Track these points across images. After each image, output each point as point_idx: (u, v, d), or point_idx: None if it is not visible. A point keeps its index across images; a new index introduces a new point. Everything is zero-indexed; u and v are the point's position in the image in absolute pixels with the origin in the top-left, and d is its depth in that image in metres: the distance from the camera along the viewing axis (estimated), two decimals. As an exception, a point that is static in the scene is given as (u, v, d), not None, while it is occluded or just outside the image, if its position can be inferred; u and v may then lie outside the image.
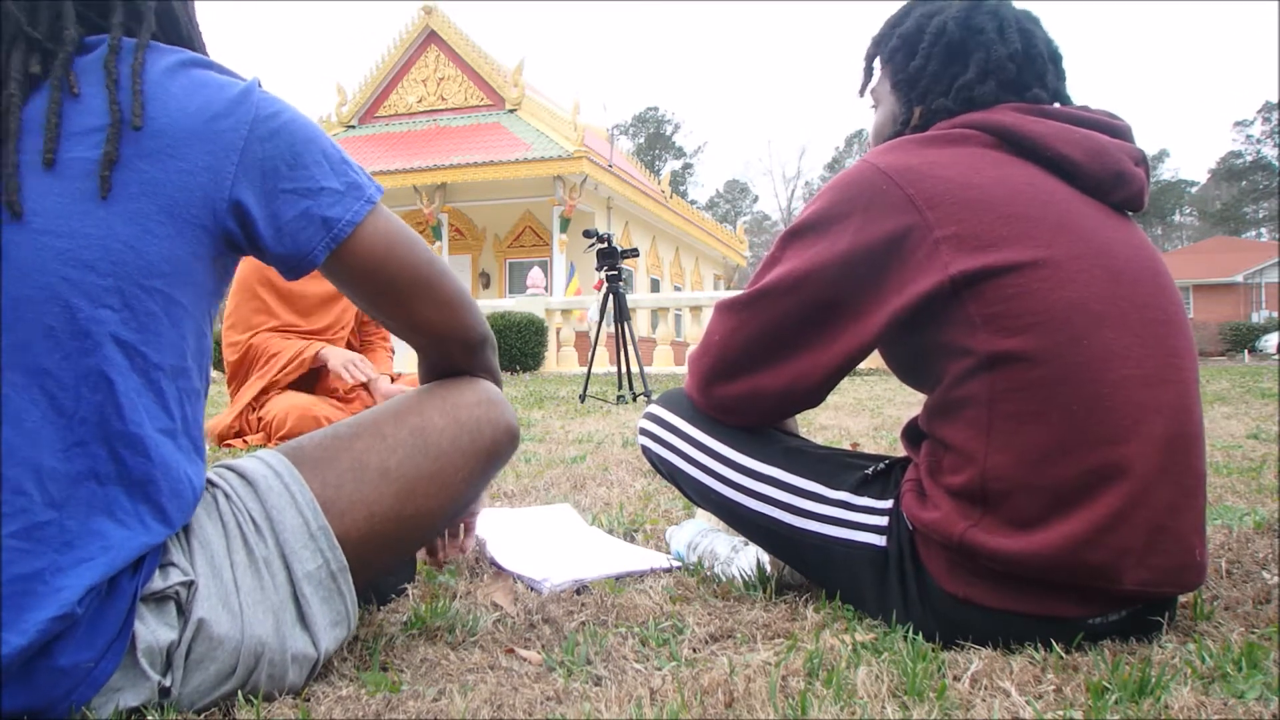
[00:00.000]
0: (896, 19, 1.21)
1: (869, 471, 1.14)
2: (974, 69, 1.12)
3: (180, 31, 0.96)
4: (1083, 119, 1.11)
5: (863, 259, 1.04)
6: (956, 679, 0.91)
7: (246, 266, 3.38)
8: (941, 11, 1.16)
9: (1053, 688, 0.88)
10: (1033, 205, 1.02)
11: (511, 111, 16.97)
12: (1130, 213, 1.11)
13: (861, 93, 1.28)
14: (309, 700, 0.89)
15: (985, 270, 0.99)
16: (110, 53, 0.84)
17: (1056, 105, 1.13)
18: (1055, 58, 1.16)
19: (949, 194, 1.02)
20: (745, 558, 1.35)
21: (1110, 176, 1.07)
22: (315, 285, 3.44)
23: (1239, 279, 31.32)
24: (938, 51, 1.14)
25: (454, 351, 1.05)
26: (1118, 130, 1.12)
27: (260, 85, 0.91)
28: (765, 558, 1.31)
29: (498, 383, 1.13)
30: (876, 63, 1.25)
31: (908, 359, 1.15)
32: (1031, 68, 1.13)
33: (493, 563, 1.47)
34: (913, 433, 1.13)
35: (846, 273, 1.05)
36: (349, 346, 3.68)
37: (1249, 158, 49.50)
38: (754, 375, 1.16)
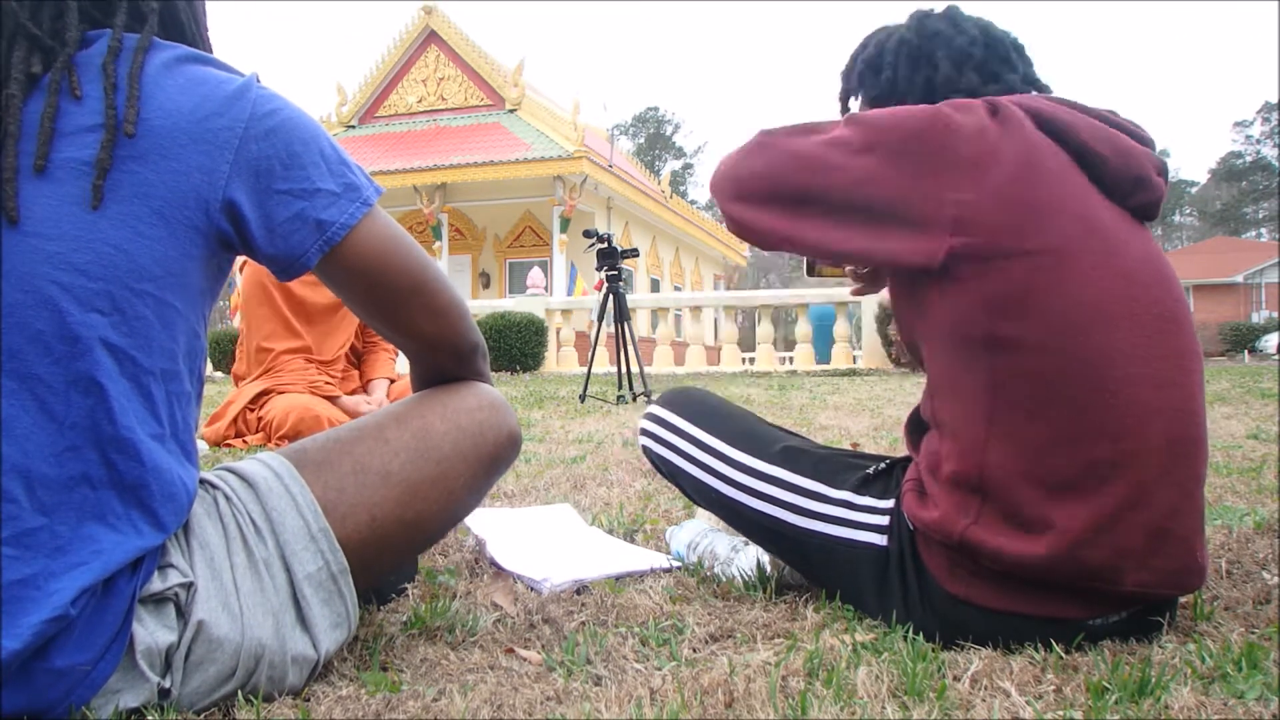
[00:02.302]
0: (856, 53, 1.23)
1: (870, 471, 1.14)
2: (945, 64, 1.13)
3: (185, 33, 0.95)
4: (1109, 120, 1.10)
5: (906, 193, 1.00)
6: (956, 679, 0.91)
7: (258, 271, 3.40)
8: (896, 29, 1.19)
9: (1053, 688, 0.88)
10: (1059, 192, 1.01)
11: (511, 111, 16.97)
12: (1145, 221, 1.11)
13: None
14: (309, 700, 0.89)
15: (997, 250, 0.98)
16: (110, 54, 0.83)
17: (1080, 101, 1.13)
18: (1017, 45, 1.18)
19: (988, 159, 0.99)
20: (745, 558, 1.35)
21: (1131, 179, 1.06)
22: (319, 293, 3.45)
23: (1239, 279, 31.30)
24: (902, 59, 1.16)
25: (445, 360, 1.05)
26: (1143, 139, 1.11)
27: (259, 81, 0.89)
28: (765, 558, 1.31)
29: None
30: (851, 102, 1.26)
31: (914, 324, 1.12)
32: (994, 52, 1.15)
33: (493, 563, 1.47)
34: (914, 424, 1.13)
35: (892, 195, 1.01)
36: (351, 350, 3.69)
37: (1249, 158, 49.50)
38: (796, 214, 1.07)
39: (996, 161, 0.99)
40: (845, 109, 1.26)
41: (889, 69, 1.18)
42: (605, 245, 5.74)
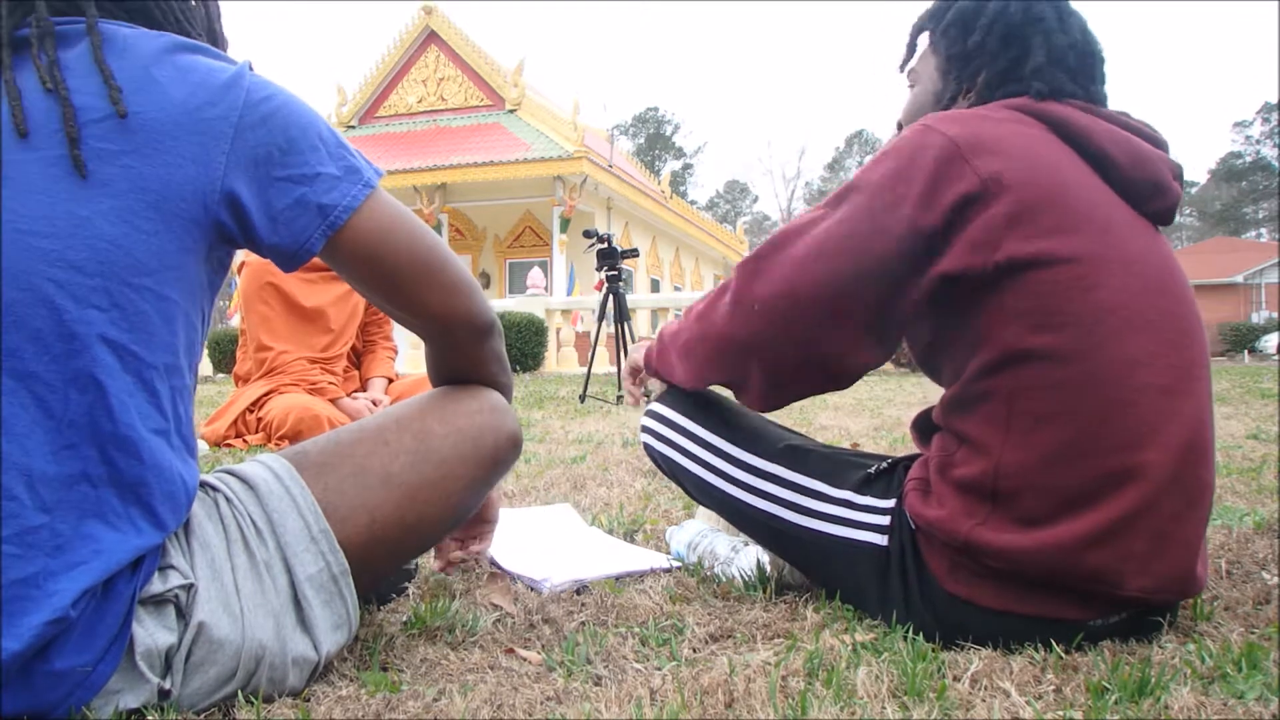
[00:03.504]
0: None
1: (872, 470, 1.14)
2: (1039, 54, 1.09)
3: (161, 26, 0.92)
4: (1125, 124, 1.10)
5: (928, 229, 1.00)
6: (956, 679, 0.91)
7: (255, 271, 3.39)
8: None
9: (1053, 688, 0.88)
10: (1084, 198, 1.01)
11: (511, 111, 16.96)
12: (1160, 225, 1.10)
13: (902, 68, 1.26)
14: (309, 700, 0.89)
15: (1032, 259, 0.97)
16: (43, 37, 0.81)
17: (1098, 106, 1.13)
18: (1102, 59, 1.15)
19: (1012, 168, 0.99)
20: (745, 558, 1.35)
21: (1149, 185, 1.06)
22: (319, 292, 3.45)
23: (1239, 279, 31.27)
24: (997, 29, 1.12)
25: (461, 338, 1.02)
26: (1158, 142, 1.11)
27: (251, 69, 0.89)
28: (765, 558, 1.31)
29: (507, 372, 1.11)
30: (922, 38, 1.22)
31: (930, 342, 1.11)
32: (1086, 64, 1.12)
33: (492, 563, 1.47)
34: (924, 425, 1.12)
35: (911, 240, 1.01)
36: (351, 349, 3.69)
37: (1249, 158, 49.47)
38: (821, 334, 1.08)
39: (1012, 163, 0.99)
40: (913, 45, 1.24)
41: (980, 34, 1.13)
42: (605, 245, 5.74)
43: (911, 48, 1.25)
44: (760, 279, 1.07)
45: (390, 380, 3.70)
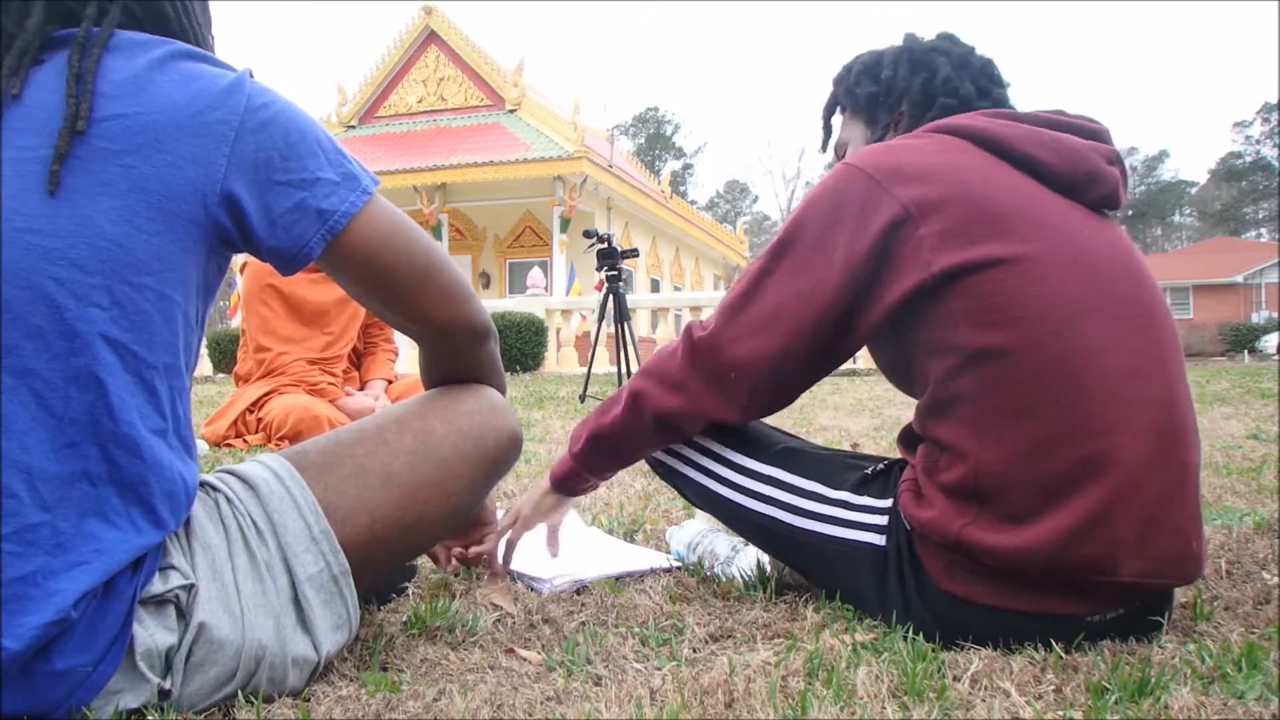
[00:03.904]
0: (851, 63, 1.29)
1: (868, 471, 1.15)
2: (945, 68, 1.19)
3: (170, 27, 0.93)
4: (1053, 122, 1.12)
5: (860, 265, 1.04)
6: (956, 679, 0.91)
7: (253, 274, 3.39)
8: (892, 46, 1.25)
9: (1053, 688, 0.88)
10: (1012, 203, 1.04)
11: (511, 111, 16.97)
12: (1109, 211, 1.12)
13: (824, 148, 1.33)
14: (309, 700, 0.89)
15: (967, 265, 1.00)
16: (75, 47, 0.82)
17: (1020, 110, 1.15)
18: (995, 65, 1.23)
19: (934, 190, 1.03)
20: (745, 558, 1.36)
21: (1081, 176, 1.08)
22: (320, 293, 3.45)
23: (1239, 279, 31.29)
24: (903, 60, 1.22)
25: (459, 343, 1.03)
26: (1093, 132, 1.13)
27: (252, 75, 0.89)
28: (765, 558, 1.31)
29: (501, 375, 1.11)
30: (835, 119, 1.32)
31: (896, 360, 1.15)
32: (986, 71, 1.20)
33: (493, 563, 1.47)
34: (909, 437, 1.14)
35: (848, 282, 1.05)
36: (353, 351, 3.69)
37: (1249, 158, 49.44)
38: (785, 392, 1.16)
39: (932, 185, 1.03)
40: (828, 125, 1.32)
41: (889, 69, 1.22)
42: (605, 245, 5.74)
43: (828, 129, 1.33)
44: (729, 349, 1.12)
45: (389, 382, 3.70)
